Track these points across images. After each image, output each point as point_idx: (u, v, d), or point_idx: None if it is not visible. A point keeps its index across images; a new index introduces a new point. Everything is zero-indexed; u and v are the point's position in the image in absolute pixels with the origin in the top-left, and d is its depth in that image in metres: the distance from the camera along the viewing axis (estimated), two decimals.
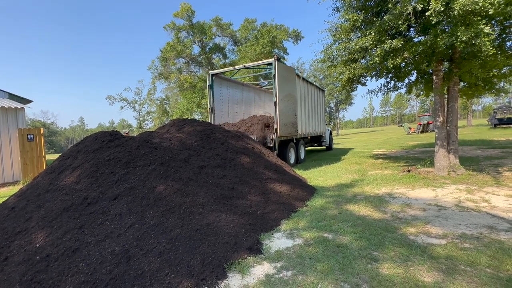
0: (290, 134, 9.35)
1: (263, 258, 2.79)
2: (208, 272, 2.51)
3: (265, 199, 4.26)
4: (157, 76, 24.52)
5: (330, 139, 16.68)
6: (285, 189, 4.81)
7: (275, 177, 5.09)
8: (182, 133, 5.28)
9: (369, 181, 6.21)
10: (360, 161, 9.90)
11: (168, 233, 2.89)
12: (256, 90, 14.40)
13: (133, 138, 4.19)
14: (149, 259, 2.56)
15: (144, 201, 3.20)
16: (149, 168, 3.68)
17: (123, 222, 2.92)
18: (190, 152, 4.62)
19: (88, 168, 3.61)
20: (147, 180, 3.51)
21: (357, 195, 5.10)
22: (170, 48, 21.10)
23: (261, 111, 14.25)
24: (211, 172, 4.31)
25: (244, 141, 5.85)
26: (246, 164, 5.03)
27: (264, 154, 5.98)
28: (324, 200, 4.79)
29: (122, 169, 3.60)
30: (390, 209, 4.15)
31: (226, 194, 3.90)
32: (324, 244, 2.97)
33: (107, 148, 3.94)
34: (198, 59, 23.64)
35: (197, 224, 3.09)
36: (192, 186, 3.71)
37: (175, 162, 3.99)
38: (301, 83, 10.88)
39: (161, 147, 4.13)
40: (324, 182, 6.49)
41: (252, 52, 19.39)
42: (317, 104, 13.32)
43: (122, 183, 3.40)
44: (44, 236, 2.77)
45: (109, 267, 2.43)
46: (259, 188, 4.48)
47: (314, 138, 14.49)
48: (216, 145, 5.19)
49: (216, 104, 10.50)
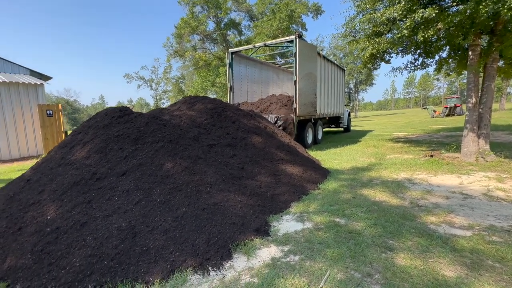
0: (309, 114, 9.06)
1: (270, 241, 2.70)
2: (213, 252, 2.46)
3: (275, 180, 4.12)
4: (172, 54, 24.24)
5: (348, 121, 16.10)
6: (297, 170, 4.63)
7: (287, 158, 4.91)
8: (193, 111, 5.15)
9: (387, 165, 5.89)
10: (378, 144, 9.46)
11: (174, 211, 2.84)
12: (274, 69, 13.92)
13: (142, 114, 4.10)
14: (155, 236, 2.53)
15: (151, 178, 3.16)
16: (157, 145, 3.61)
17: (130, 198, 2.90)
18: (200, 130, 4.51)
19: (97, 144, 3.60)
20: (155, 157, 3.45)
21: (373, 179, 4.85)
22: (184, 24, 20.50)
23: (279, 90, 13.84)
24: (221, 151, 4.19)
25: (256, 120, 5.64)
26: (258, 143, 4.86)
27: (276, 134, 5.77)
28: (338, 183, 4.58)
29: (131, 145, 3.55)
30: (409, 195, 3.89)
31: (236, 174, 3.79)
32: (336, 230, 2.82)
33: (117, 124, 3.89)
34: (213, 35, 22.95)
35: (204, 203, 3.03)
36: (201, 164, 3.62)
37: (184, 140, 3.90)
38: (322, 61, 10.33)
39: (170, 124, 4.04)
40: (339, 164, 6.24)
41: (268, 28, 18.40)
42: (337, 84, 12.71)
43: (130, 160, 3.36)
44: (55, 208, 2.81)
45: (115, 242, 2.43)
46: (270, 169, 4.34)
47: (332, 119, 14.05)
48: (227, 123, 5.04)
49: (235, 83, 10.28)
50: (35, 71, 11.77)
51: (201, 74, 22.74)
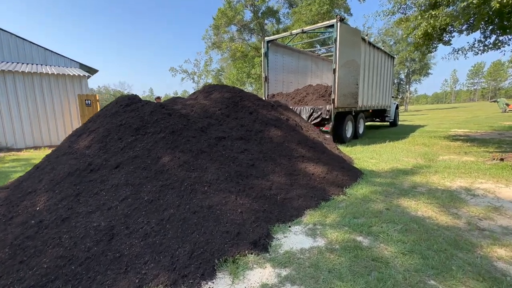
0: (349, 106, 8.14)
1: (268, 259, 2.17)
2: (193, 267, 2.03)
3: (291, 181, 3.53)
4: (210, 46, 24.49)
5: (396, 115, 14.34)
6: (320, 170, 3.95)
7: (310, 155, 4.24)
8: (208, 100, 4.77)
9: (439, 169, 4.79)
10: (429, 142, 8.03)
11: (161, 212, 2.49)
12: (313, 58, 12.95)
13: (149, 103, 3.85)
14: (132, 241, 2.21)
15: (144, 173, 2.86)
16: (158, 136, 3.31)
17: (117, 194, 2.63)
18: (211, 121, 4.10)
19: (100, 133, 3.44)
20: (153, 149, 3.14)
21: (417, 186, 3.91)
22: (221, 14, 20.36)
23: (318, 80, 12.87)
24: (230, 145, 3.74)
25: (278, 111, 5.04)
26: (276, 137, 4.29)
27: (301, 127, 5.09)
28: (370, 188, 3.79)
29: (131, 135, 3.31)
30: (467, 212, 2.96)
31: (243, 172, 3.31)
32: (354, 253, 2.15)
33: (123, 113, 3.70)
34: (250, 25, 22.42)
35: (197, 205, 2.61)
36: (203, 159, 3.21)
37: (189, 131, 3.53)
38: (367, 48, 9.15)
39: (176, 114, 3.70)
40: (375, 165, 5.31)
41: (307, 14, 17.08)
42: (384, 73, 11.27)
43: (127, 151, 3.11)
44: (45, 200, 2.69)
45: (89, 244, 2.17)
46: (285, 167, 3.75)
47: (377, 112, 12.63)
48: (243, 114, 4.55)
49: (271, 73, 9.76)
50: (84, 65, 12.77)
51: (237, 66, 22.55)
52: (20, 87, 9.03)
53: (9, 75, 8.77)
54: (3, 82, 8.69)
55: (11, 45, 10.98)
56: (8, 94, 8.83)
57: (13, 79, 8.85)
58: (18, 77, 8.93)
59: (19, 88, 9.02)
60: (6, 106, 8.83)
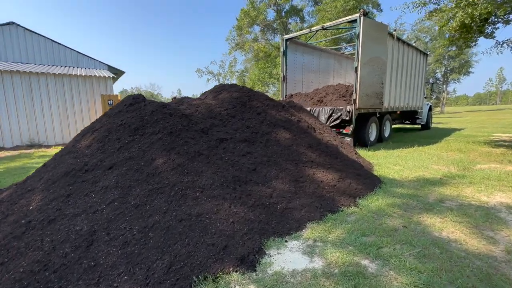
0: (373, 107, 7.55)
1: (253, 280, 1.91)
2: (168, 283, 1.84)
3: (295, 188, 3.22)
4: (233, 47, 24.61)
5: (428, 117, 13.17)
6: (330, 177, 3.58)
7: (320, 160, 3.88)
8: (216, 100, 4.61)
9: (474, 180, 4.15)
10: (466, 147, 7.15)
11: (145, 218, 2.33)
12: (336, 56, 12.34)
13: (152, 102, 3.76)
14: (110, 249, 2.07)
15: (136, 175, 2.74)
16: (155, 137, 3.19)
17: (105, 197, 2.53)
18: (215, 121, 3.92)
19: (101, 133, 3.41)
20: (149, 150, 3.02)
21: (445, 199, 3.38)
22: (244, 15, 20.30)
23: (341, 80, 12.24)
24: (233, 147, 3.52)
25: (289, 112, 4.72)
26: (283, 140, 3.99)
27: (314, 129, 4.72)
28: (387, 200, 3.34)
29: (129, 135, 3.23)
30: (507, 236, 2.44)
31: (242, 177, 3.07)
32: (355, 282, 1.81)
33: (125, 113, 3.65)
34: (273, 25, 22.11)
35: (184, 212, 2.43)
36: (199, 162, 3.03)
37: (188, 132, 3.37)
38: (395, 44, 8.44)
39: (177, 114, 3.57)
40: (398, 172, 4.77)
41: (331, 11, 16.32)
42: (414, 71, 10.37)
43: (122, 152, 3.02)
44: (39, 199, 2.67)
45: (67, 250, 2.07)
46: (291, 173, 3.44)
47: (406, 114, 11.67)
48: (251, 115, 4.31)
49: (289, 72, 9.44)
50: (112, 67, 13.43)
51: (259, 66, 22.36)
52: (52, 87, 9.68)
53: (43, 76, 9.44)
54: (37, 84, 9.38)
55: (47, 49, 11.84)
56: (42, 94, 9.51)
57: (46, 80, 9.51)
58: (50, 78, 9.58)
59: (51, 88, 9.67)
60: (40, 106, 9.51)
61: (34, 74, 9.27)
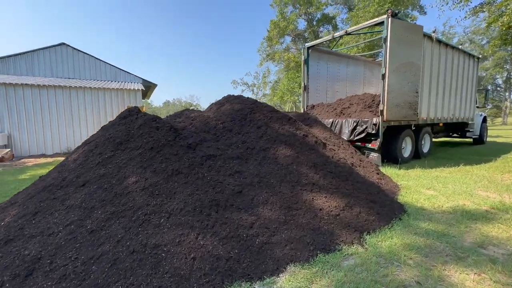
0: (405, 118, 6.64)
1: None
2: None
3: (285, 217, 2.72)
4: (264, 58, 24.69)
5: (483, 129, 11.30)
6: (334, 204, 2.99)
7: (325, 182, 3.31)
8: (216, 112, 4.34)
9: None
10: None
11: (95, 247, 2.08)
12: (367, 63, 11.41)
13: (145, 115, 3.62)
14: (45, 283, 1.84)
15: (103, 195, 2.54)
16: (135, 152, 2.99)
17: (66, 218, 2.35)
18: (208, 136, 3.63)
19: (90, 146, 3.34)
20: (125, 167, 2.83)
21: (488, 243, 2.55)
22: (273, 26, 20.25)
23: (373, 89, 11.24)
24: (220, 165, 3.16)
25: (295, 125, 4.22)
26: (282, 158, 3.51)
27: (324, 145, 4.14)
28: (406, 238, 2.64)
29: (111, 150, 3.09)
30: None
31: (221, 201, 2.68)
32: None
33: (117, 125, 3.56)
34: (304, 34, 21.65)
35: (140, 242, 2.12)
36: (176, 182, 2.73)
37: (172, 147, 3.12)
38: (434, 47, 7.43)
39: (165, 128, 3.36)
40: (430, 199, 3.91)
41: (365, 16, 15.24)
42: (462, 77, 9.03)
43: (99, 168, 2.87)
44: (13, 214, 2.61)
45: (6, 278, 1.89)
46: (284, 198, 2.94)
47: (453, 126, 10.14)
48: (250, 128, 3.93)
49: (311, 81, 8.94)
50: (146, 80, 14.28)
51: (289, 76, 21.96)
52: (88, 100, 10.56)
53: (80, 90, 10.36)
54: (76, 96, 10.31)
55: (90, 65, 13.08)
56: (79, 106, 10.42)
57: (83, 93, 10.42)
58: (87, 92, 10.47)
59: (87, 100, 10.56)
60: (77, 116, 10.40)
61: (74, 88, 10.22)
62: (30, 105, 9.87)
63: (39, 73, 12.34)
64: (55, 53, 12.49)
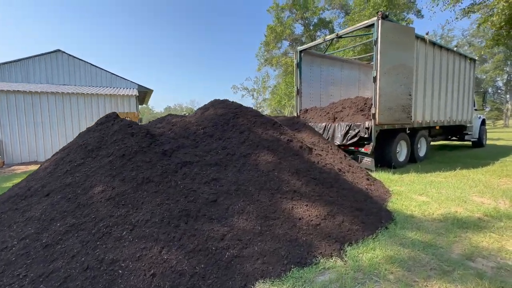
0: (399, 122, 6.49)
1: None
2: None
3: (261, 228, 2.56)
4: (262, 63, 24.74)
5: (481, 132, 11.10)
6: (315, 213, 2.83)
7: (307, 189, 3.15)
8: (199, 117, 4.22)
9: None
10: None
11: (47, 263, 1.93)
12: (362, 67, 11.31)
13: (122, 121, 3.50)
14: None
15: (65, 205, 2.40)
16: (106, 160, 2.86)
17: (23, 231, 2.21)
18: (186, 142, 3.50)
19: (63, 153, 3.23)
20: (93, 176, 2.69)
21: (477, 255, 2.37)
22: (270, 30, 20.33)
23: (368, 93, 11.12)
24: (196, 173, 3.02)
25: (279, 130, 4.08)
26: (264, 164, 3.36)
27: (310, 150, 3.99)
28: (390, 249, 2.47)
29: (81, 158, 2.96)
30: None
31: (193, 211, 2.53)
32: None
33: (92, 132, 3.44)
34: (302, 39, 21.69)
35: (96, 257, 1.97)
36: (145, 191, 2.58)
37: (145, 154, 2.99)
38: (427, 49, 7.33)
39: (140, 134, 3.23)
40: (421, 206, 3.73)
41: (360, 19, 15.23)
42: (458, 80, 8.91)
43: (67, 177, 2.74)
44: None
45: None
46: (262, 207, 2.79)
47: (450, 129, 9.99)
48: (232, 133, 3.80)
49: (304, 85, 8.84)
50: (142, 85, 14.26)
51: (286, 80, 21.93)
52: (81, 106, 10.51)
53: (73, 96, 10.32)
54: (69, 103, 10.26)
55: (86, 71, 13.08)
56: (72, 112, 10.36)
57: (76, 100, 10.38)
58: (80, 98, 10.42)
59: (80, 107, 10.51)
60: (70, 123, 10.34)
61: (66, 94, 10.18)
62: (22, 112, 9.83)
63: (34, 80, 12.35)
64: (50, 60, 12.51)
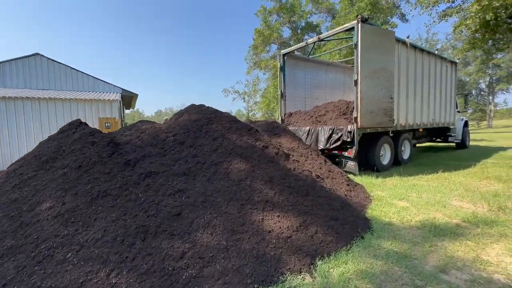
0: (381, 125, 6.48)
1: None
2: None
3: (227, 243, 2.39)
4: (251, 66, 24.69)
5: (465, 133, 11.29)
6: (287, 225, 2.68)
7: (280, 199, 3.00)
8: (172, 124, 4.03)
9: (509, 231, 2.91)
10: (508, 174, 5.60)
11: None
12: (347, 70, 11.35)
13: (85, 129, 3.28)
14: None
15: (6, 225, 2.17)
16: (60, 172, 2.64)
17: None
18: (154, 150, 3.30)
19: (16, 165, 2.98)
20: (43, 190, 2.47)
21: (451, 267, 2.27)
22: (258, 34, 20.34)
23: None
24: (161, 184, 2.83)
25: (255, 136, 3.94)
26: (236, 172, 3.20)
27: (286, 156, 3.85)
28: (362, 262, 2.34)
29: (33, 170, 2.73)
30: None
31: (152, 226, 2.34)
32: None
33: (52, 141, 3.21)
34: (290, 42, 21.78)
35: (32, 285, 1.75)
36: (100, 206, 2.38)
37: (105, 165, 2.78)
38: (408, 53, 7.39)
39: (102, 143, 3.02)
40: (400, 212, 3.64)
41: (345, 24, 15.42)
42: (440, 82, 9.03)
43: (14, 191, 2.51)
44: None
45: None
46: (230, 219, 2.62)
47: (434, 131, 10.14)
48: (204, 140, 3.62)
49: (288, 89, 8.77)
50: (126, 90, 13.91)
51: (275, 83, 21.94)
52: (60, 112, 10.13)
53: (51, 102, 9.92)
54: (46, 108, 9.87)
55: (67, 76, 12.67)
56: (50, 118, 9.96)
57: (54, 105, 9.98)
58: (58, 103, 10.03)
59: (59, 112, 10.12)
60: (48, 130, 9.94)
61: (43, 99, 9.79)
62: None
63: (11, 84, 11.86)
64: (28, 64, 12.06)
